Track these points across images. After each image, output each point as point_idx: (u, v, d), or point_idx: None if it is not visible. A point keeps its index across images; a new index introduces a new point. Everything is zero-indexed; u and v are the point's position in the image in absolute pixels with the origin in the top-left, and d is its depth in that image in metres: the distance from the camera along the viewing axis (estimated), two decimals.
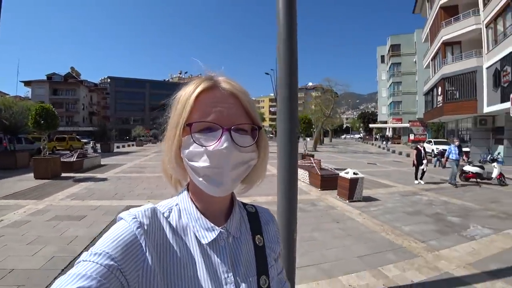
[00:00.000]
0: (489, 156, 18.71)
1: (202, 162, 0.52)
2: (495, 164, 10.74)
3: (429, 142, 23.86)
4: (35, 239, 4.05)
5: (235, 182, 0.55)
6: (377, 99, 56.86)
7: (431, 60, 25.83)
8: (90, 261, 0.44)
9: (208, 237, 0.55)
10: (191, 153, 0.53)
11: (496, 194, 8.30)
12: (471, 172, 10.62)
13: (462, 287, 3.04)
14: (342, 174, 6.82)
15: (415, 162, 10.00)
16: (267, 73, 26.82)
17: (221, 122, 0.52)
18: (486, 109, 18.04)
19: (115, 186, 8.15)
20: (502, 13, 16.29)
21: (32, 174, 9.18)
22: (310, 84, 77.17)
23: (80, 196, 6.79)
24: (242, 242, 0.61)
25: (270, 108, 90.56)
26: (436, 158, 16.48)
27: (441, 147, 20.54)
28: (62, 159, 10.00)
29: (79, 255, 2.35)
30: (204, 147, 0.51)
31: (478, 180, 10.48)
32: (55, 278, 2.95)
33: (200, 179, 0.53)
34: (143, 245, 0.49)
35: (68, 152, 15.16)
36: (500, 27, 16.70)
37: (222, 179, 0.52)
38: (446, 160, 10.15)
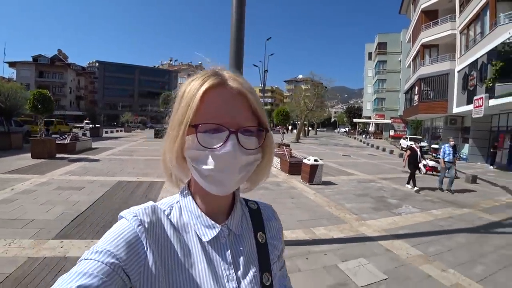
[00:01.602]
0: (456, 154, 20.43)
1: (207, 165, 0.51)
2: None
3: (405, 138, 25.42)
4: (45, 201, 5.00)
5: (238, 183, 0.54)
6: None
7: (412, 60, 27.20)
8: (91, 259, 0.44)
9: (209, 234, 0.55)
10: (195, 154, 0.52)
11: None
12: (429, 166, 12.02)
13: (369, 242, 4.19)
14: (305, 160, 7.97)
15: (407, 163, 8.53)
16: (255, 65, 27.61)
17: (227, 124, 0.50)
18: (455, 110, 19.53)
19: (107, 166, 9.06)
20: (474, 20, 17.58)
21: (28, 154, 9.97)
22: (300, 76, 78.19)
23: (77, 173, 7.68)
24: (243, 239, 0.61)
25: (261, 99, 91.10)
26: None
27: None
28: (57, 141, 10.75)
29: (83, 212, 3.56)
30: (209, 150, 0.50)
31: (434, 172, 11.86)
32: (66, 226, 3.95)
33: (204, 179, 0.52)
34: (144, 243, 0.49)
35: (58, 135, 15.80)
36: (471, 34, 18.03)
37: (225, 181, 0.51)
38: (444, 163, 8.39)
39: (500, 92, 13.35)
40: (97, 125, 29.67)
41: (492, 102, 13.86)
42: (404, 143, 23.16)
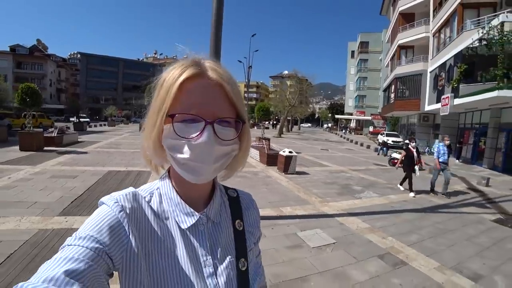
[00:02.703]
0: (427, 149, 21.87)
1: (183, 154, 0.51)
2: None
3: (382, 134, 26.74)
4: (44, 187, 5.54)
5: (215, 172, 0.55)
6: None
7: (390, 60, 28.51)
8: (75, 245, 0.45)
9: (187, 222, 0.57)
10: (172, 143, 0.52)
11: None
12: (396, 159, 13.07)
13: (327, 218, 5.01)
14: (280, 152, 8.76)
15: (400, 165, 7.88)
16: (240, 61, 28.13)
17: (204, 115, 0.51)
18: (427, 108, 20.85)
19: (96, 157, 9.54)
20: (445, 25, 18.81)
21: (15, 147, 10.23)
22: (286, 72, 79.27)
23: (68, 164, 8.15)
24: (222, 226, 0.62)
25: (245, 94, 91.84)
26: (379, 147, 19.01)
27: (391, 139, 23.52)
28: (44, 134, 11.03)
29: (80, 196, 4.27)
30: (185, 139, 0.51)
31: (402, 165, 12.95)
32: (67, 206, 4.53)
33: (181, 168, 0.53)
34: (126, 228, 0.50)
35: (41, 129, 15.88)
36: (443, 37, 19.29)
37: (202, 170, 0.52)
38: (439, 164, 7.56)
39: (463, 92, 14.57)
40: (84, 120, 29.31)
41: (457, 101, 15.07)
42: (381, 138, 24.45)
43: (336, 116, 59.00)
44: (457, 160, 17.84)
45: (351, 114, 51.99)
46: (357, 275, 3.16)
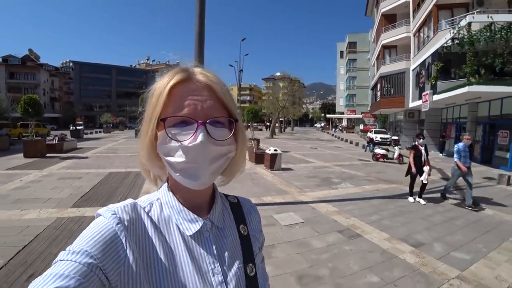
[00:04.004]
0: (413, 144, 22.79)
1: (178, 158, 0.51)
2: (396, 147, 14.17)
3: (371, 131, 27.70)
4: (54, 187, 6.28)
5: (213, 175, 0.54)
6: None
7: (376, 59, 29.51)
8: (67, 260, 0.43)
9: (192, 228, 0.56)
10: (166, 148, 0.52)
11: (387, 168, 11.46)
12: (380, 154, 13.94)
13: (302, 204, 5.80)
14: (266, 150, 9.56)
15: (413, 168, 6.47)
16: (231, 65, 28.92)
17: (195, 116, 0.51)
18: (411, 104, 21.79)
19: (96, 161, 10.30)
20: (423, 25, 19.80)
21: (19, 154, 10.96)
22: (278, 74, 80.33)
23: (71, 167, 8.89)
24: (226, 232, 0.61)
25: (238, 97, 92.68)
26: (367, 144, 19.85)
27: (379, 135, 24.52)
28: (46, 142, 11.72)
29: (87, 192, 5.17)
30: (179, 142, 0.51)
31: (385, 159, 13.81)
32: (78, 200, 5.26)
33: (177, 174, 0.53)
34: (124, 241, 0.48)
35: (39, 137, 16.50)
36: (422, 36, 20.29)
37: (199, 173, 0.52)
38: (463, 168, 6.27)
39: (440, 88, 15.51)
40: (79, 127, 29.74)
41: (435, 97, 16.00)
42: (370, 135, 25.38)
43: (328, 115, 60.25)
44: (441, 154, 18.82)
45: (343, 113, 53.16)
46: (316, 244, 3.95)
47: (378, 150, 14.06)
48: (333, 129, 49.92)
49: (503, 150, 13.42)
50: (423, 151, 6.44)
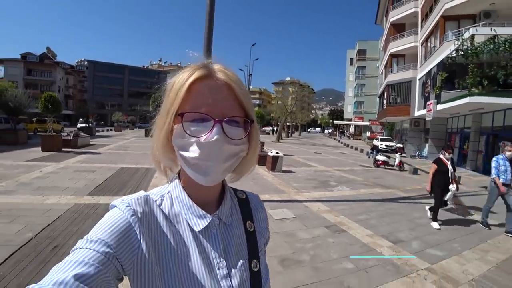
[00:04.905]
0: (417, 152, 22.94)
1: (192, 153, 0.53)
2: (397, 154, 14.44)
3: (377, 139, 27.87)
4: (71, 178, 6.90)
5: (223, 173, 0.56)
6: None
7: (384, 67, 29.74)
8: (86, 248, 0.46)
9: (200, 224, 0.58)
10: (181, 143, 0.54)
11: (386, 175, 11.76)
12: (381, 160, 14.22)
13: (296, 202, 6.24)
14: (268, 153, 10.03)
15: (427, 185, 5.58)
16: (241, 69, 29.53)
17: (213, 114, 0.52)
18: (417, 113, 21.99)
19: (109, 157, 10.97)
20: (430, 35, 20.05)
21: (37, 148, 11.72)
22: (288, 78, 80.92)
23: (85, 162, 9.56)
24: (233, 228, 0.64)
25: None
26: (370, 151, 20.09)
27: (384, 143, 24.76)
28: (62, 137, 12.49)
29: (101, 184, 5.82)
30: (195, 138, 0.52)
31: (385, 166, 14.09)
32: (92, 190, 5.83)
33: (189, 168, 0.54)
34: (138, 232, 0.51)
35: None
36: (429, 46, 20.52)
37: (210, 170, 0.53)
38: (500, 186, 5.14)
39: (444, 98, 15.75)
40: (91, 125, 30.78)
41: (439, 107, 16.24)
42: (376, 142, 25.56)
43: (335, 122, 60.38)
44: None
45: (350, 120, 53.22)
46: (302, 235, 4.39)
47: (379, 157, 14.37)
48: (340, 135, 50.07)
49: None
50: (449, 167, 5.43)
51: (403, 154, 21.89)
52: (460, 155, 18.11)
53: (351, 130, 52.60)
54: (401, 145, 23.63)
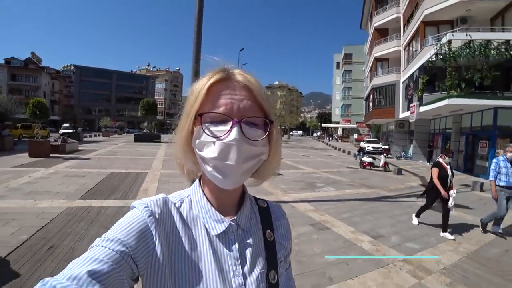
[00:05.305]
0: (402, 153, 23.58)
1: (211, 153, 0.53)
2: (382, 156, 14.91)
3: (363, 140, 28.55)
4: (61, 183, 6.97)
5: (244, 175, 0.56)
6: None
7: (369, 71, 30.54)
8: (103, 246, 0.47)
9: (217, 228, 0.58)
10: (201, 143, 0.54)
11: (371, 175, 12.14)
12: (367, 162, 14.64)
13: (283, 203, 6.48)
14: None
15: (442, 191, 4.97)
16: None
17: (232, 114, 0.53)
18: (401, 115, 22.66)
19: (98, 162, 10.99)
20: (412, 40, 20.81)
21: (24, 154, 11.66)
22: (276, 82, 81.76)
23: (75, 167, 9.58)
24: (251, 235, 0.62)
25: None
26: (357, 153, 20.58)
27: (371, 145, 25.39)
28: (50, 143, 12.41)
29: (92, 188, 5.95)
30: (214, 138, 0.53)
31: (371, 167, 14.51)
32: (84, 194, 5.93)
33: (210, 169, 0.55)
34: (154, 233, 0.52)
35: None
36: (411, 50, 21.29)
37: (230, 171, 0.53)
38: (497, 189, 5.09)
39: (426, 100, 16.38)
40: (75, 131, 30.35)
41: (421, 109, 16.84)
42: (363, 144, 26.18)
43: (323, 125, 61.35)
44: (428, 163, 19.61)
45: (338, 123, 54.22)
46: None
47: (365, 158, 14.80)
48: (328, 138, 50.90)
49: (483, 159, 14.20)
50: (449, 171, 5.17)
51: (389, 155, 22.53)
52: None
53: (339, 132, 53.53)
54: (387, 147, 24.30)
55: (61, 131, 28.40)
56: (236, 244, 0.59)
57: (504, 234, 5.21)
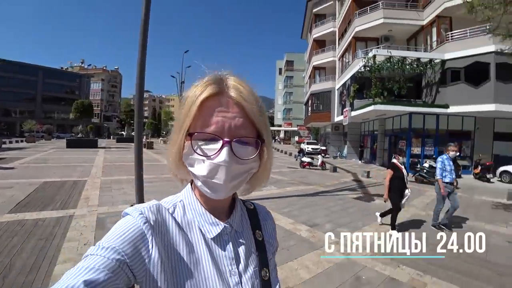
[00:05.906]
0: (338, 153, 25.77)
1: (201, 171, 0.54)
2: (319, 156, 16.28)
3: (304, 142, 30.60)
4: None
5: (232, 190, 0.57)
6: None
7: (309, 78, 32.85)
8: (98, 255, 0.46)
9: (213, 231, 0.59)
10: (191, 160, 0.55)
11: (310, 174, 13.18)
12: (306, 162, 15.79)
13: (258, 200, 6.81)
14: None
15: (385, 193, 5.30)
16: (173, 76, 29.13)
17: (223, 134, 0.52)
18: (336, 119, 24.86)
19: (26, 172, 9.94)
20: (345, 52, 23.09)
21: None
22: None
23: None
24: (244, 236, 0.65)
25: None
26: (298, 154, 21.86)
27: (310, 146, 27.25)
28: None
29: (23, 200, 5.48)
30: (204, 157, 0.53)
31: (310, 167, 15.70)
32: (14, 207, 5.43)
33: (199, 184, 0.56)
34: (150, 240, 0.52)
35: None
36: (345, 61, 23.61)
37: (219, 188, 0.54)
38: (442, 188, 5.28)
39: (356, 106, 18.38)
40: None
41: (353, 113, 18.82)
42: (303, 146, 27.92)
43: None
44: (360, 161, 21.94)
45: (280, 126, 56.86)
46: None
47: (305, 159, 15.97)
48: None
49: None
50: (404, 172, 5.27)
51: (327, 155, 24.56)
52: (371, 153, 21.28)
53: (281, 135, 56.11)
54: (324, 147, 26.48)
55: None
56: (230, 244, 0.61)
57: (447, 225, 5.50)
